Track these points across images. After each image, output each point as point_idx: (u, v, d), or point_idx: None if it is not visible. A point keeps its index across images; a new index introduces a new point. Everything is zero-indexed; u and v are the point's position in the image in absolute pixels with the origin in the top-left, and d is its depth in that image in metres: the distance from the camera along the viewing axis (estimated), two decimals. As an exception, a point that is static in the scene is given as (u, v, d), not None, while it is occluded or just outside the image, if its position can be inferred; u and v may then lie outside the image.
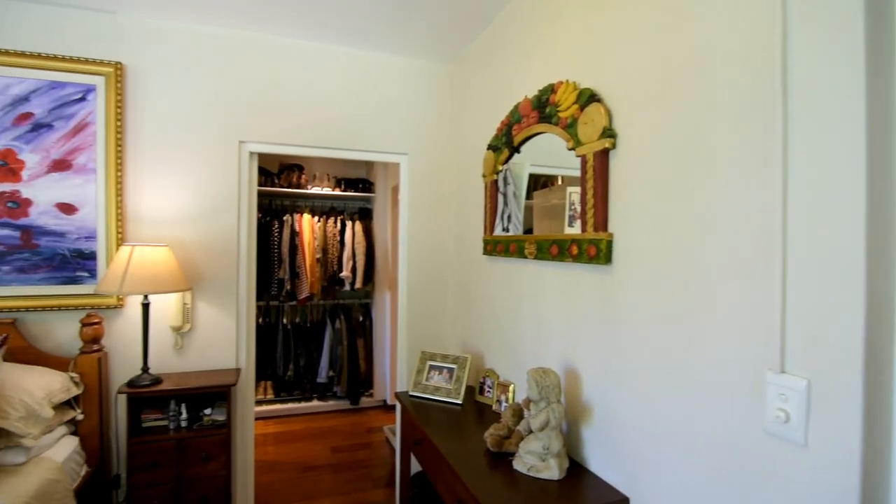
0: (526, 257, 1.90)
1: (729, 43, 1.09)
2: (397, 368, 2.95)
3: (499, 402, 2.08)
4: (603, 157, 1.47)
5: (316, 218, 4.41)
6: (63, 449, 2.04)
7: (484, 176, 2.34)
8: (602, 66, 1.55)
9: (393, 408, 4.44)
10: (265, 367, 4.28)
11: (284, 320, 4.45)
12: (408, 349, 2.86)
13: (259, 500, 2.82)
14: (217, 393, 2.33)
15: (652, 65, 1.32)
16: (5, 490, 1.67)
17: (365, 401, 4.59)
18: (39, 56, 2.21)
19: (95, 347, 2.25)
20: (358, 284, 4.41)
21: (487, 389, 2.21)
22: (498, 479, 1.49)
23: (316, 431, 4.02)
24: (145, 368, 2.24)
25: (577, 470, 1.55)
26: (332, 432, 3.99)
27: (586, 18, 1.64)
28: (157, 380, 2.24)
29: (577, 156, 1.57)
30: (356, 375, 4.48)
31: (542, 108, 1.79)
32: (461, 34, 2.53)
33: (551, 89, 1.74)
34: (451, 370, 2.29)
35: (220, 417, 2.30)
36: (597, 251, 1.48)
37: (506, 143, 2.09)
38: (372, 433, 3.99)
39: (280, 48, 2.60)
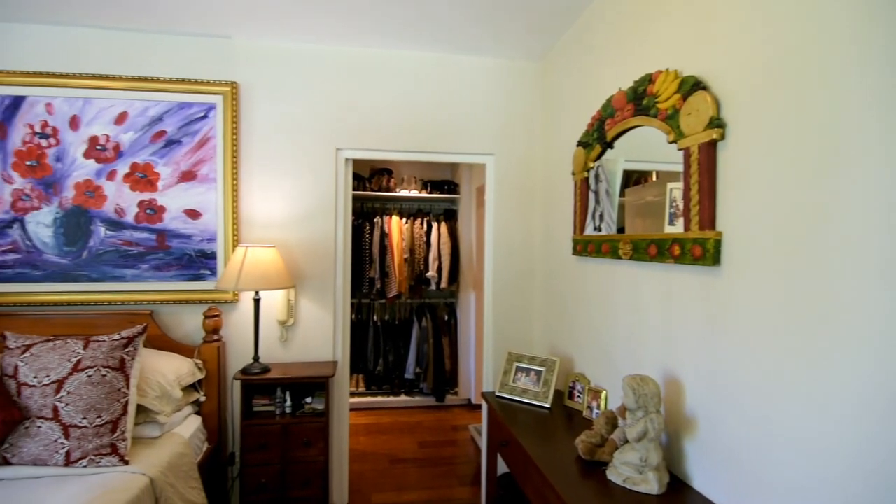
0: (620, 258, 1.81)
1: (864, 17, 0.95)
2: (483, 368, 2.96)
3: (589, 408, 2.01)
4: (709, 149, 1.36)
5: (404, 219, 4.56)
6: (189, 426, 2.31)
7: (573, 174, 2.27)
8: (707, 51, 1.43)
9: (477, 407, 4.46)
10: (357, 361, 4.51)
11: (375, 317, 4.66)
12: (493, 349, 2.86)
13: (352, 487, 2.98)
14: (316, 383, 2.51)
15: (768, 45, 1.19)
16: (143, 458, 1.93)
17: (450, 398, 4.66)
18: (170, 81, 2.52)
19: (215, 337, 2.52)
20: (443, 284, 4.49)
21: (577, 394, 2.14)
22: (591, 488, 1.43)
23: (403, 426, 4.16)
24: (256, 358, 2.47)
25: (678, 486, 1.45)
26: (418, 427, 4.11)
27: (688, 1, 1.53)
28: (266, 368, 2.46)
29: (679, 149, 1.47)
30: (441, 373, 4.56)
31: (639, 101, 1.70)
32: (548, 30, 2.47)
33: (648, 80, 1.64)
34: (538, 373, 2.25)
35: (320, 406, 2.46)
36: (703, 251, 1.37)
37: (597, 138, 2.01)
38: (457, 431, 4.04)
39: (371, 59, 2.73)
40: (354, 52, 2.72)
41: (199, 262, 2.57)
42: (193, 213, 2.55)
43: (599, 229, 2.01)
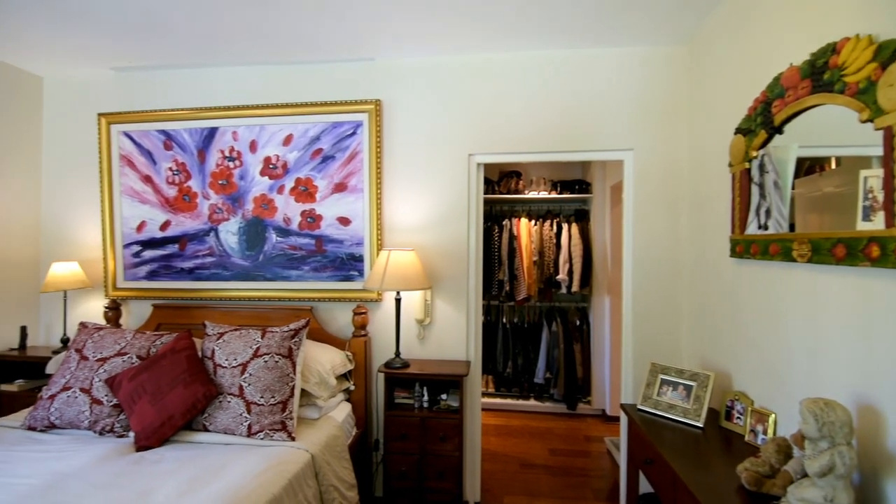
0: (794, 260, 1.56)
1: None
2: (621, 378, 2.79)
3: (753, 432, 1.76)
4: (923, 126, 1.10)
5: (533, 221, 4.51)
6: (341, 412, 2.57)
7: (731, 165, 2.02)
8: (920, 6, 1.16)
9: (613, 419, 4.21)
10: (486, 362, 4.58)
11: (504, 319, 4.69)
12: (633, 359, 2.67)
13: (484, 486, 3.03)
14: (451, 381, 2.60)
15: None
16: (306, 436, 2.19)
17: (582, 407, 4.47)
18: (325, 104, 2.84)
19: (363, 333, 2.77)
20: (575, 288, 4.33)
21: (737, 415, 1.89)
22: (759, 524, 1.25)
23: (533, 430, 4.10)
24: (397, 353, 2.66)
25: (880, 537, 1.20)
26: (549, 434, 4.02)
27: (890, -51, 1.26)
28: (406, 364, 2.63)
29: (878, 128, 1.21)
30: (573, 380, 4.41)
31: (818, 75, 1.45)
32: (696, 7, 2.24)
33: (832, 50, 1.39)
34: (688, 387, 2.04)
35: (454, 403, 2.55)
36: (914, 253, 1.11)
37: (762, 123, 1.76)
38: (590, 442, 3.86)
39: (500, 63, 2.76)
40: (484, 59, 2.78)
41: (349, 265, 2.85)
42: (345, 221, 2.84)
43: (765, 227, 1.76)
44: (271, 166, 2.90)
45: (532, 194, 4.56)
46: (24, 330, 3.02)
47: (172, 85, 3.04)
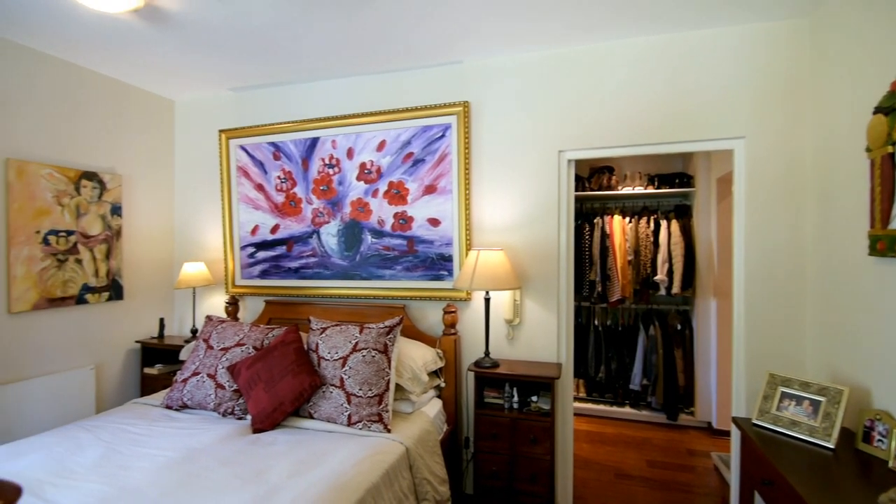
0: (957, 260, 1.32)
1: None
2: (731, 389, 2.54)
3: (902, 458, 1.52)
4: None
5: (627, 219, 4.28)
6: (433, 408, 2.63)
7: (868, 150, 1.76)
8: None
9: (721, 433, 3.86)
10: (577, 365, 4.43)
11: (596, 322, 4.50)
12: (745, 368, 2.43)
13: (576, 493, 2.93)
14: (541, 383, 2.56)
15: None
16: (400, 429, 2.28)
17: (685, 418, 4.16)
18: (415, 108, 2.93)
19: (452, 331, 2.82)
20: (675, 289, 4.04)
21: (878, 437, 1.64)
22: (913, 566, 1.08)
23: (629, 439, 3.89)
24: (487, 353, 2.67)
25: None
26: (646, 444, 3.79)
27: None
28: (496, 364, 2.63)
29: None
30: (673, 388, 4.11)
31: None
32: (824, -25, 1.99)
33: None
34: (815, 403, 1.81)
35: (545, 406, 2.50)
36: None
37: (911, 101, 1.51)
38: (694, 456, 3.57)
39: (590, 55, 2.66)
40: (572, 52, 2.69)
41: (439, 264, 2.92)
42: (434, 222, 2.91)
43: (916, 221, 1.51)
44: (366, 171, 3.06)
45: (626, 190, 4.33)
46: (162, 321, 3.48)
47: (280, 100, 3.33)
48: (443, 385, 2.79)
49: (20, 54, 2.68)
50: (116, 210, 3.19)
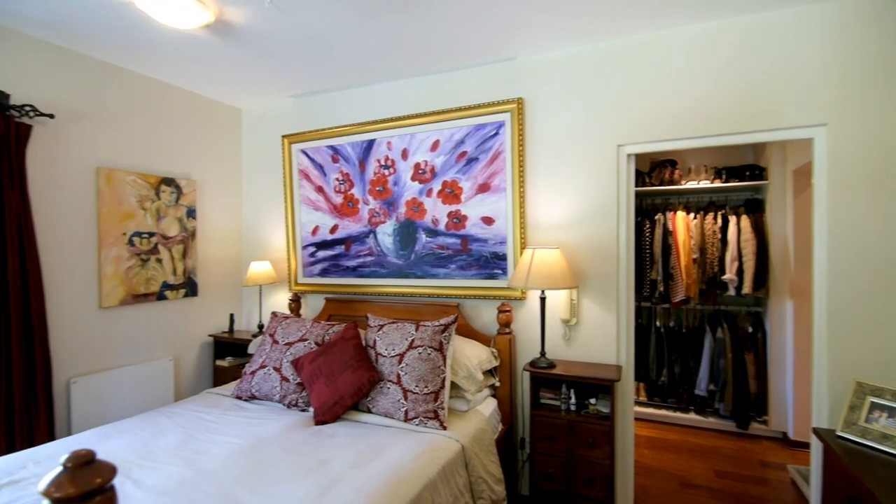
0: None
1: None
2: (811, 397, 2.35)
3: None
4: None
5: (691, 215, 4.07)
6: (488, 407, 2.63)
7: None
8: None
9: (798, 444, 3.59)
10: (637, 368, 4.26)
11: (657, 323, 4.31)
12: (828, 375, 2.24)
13: (637, 501, 2.82)
14: (599, 385, 2.48)
15: None
16: (456, 427, 2.29)
17: (757, 427, 3.89)
18: (468, 108, 2.93)
19: (507, 330, 2.80)
20: (746, 289, 3.79)
21: None
22: None
23: (694, 447, 3.70)
24: (542, 353, 2.62)
25: None
26: (713, 453, 3.58)
27: None
28: (552, 364, 2.58)
29: None
30: (744, 395, 3.86)
31: None
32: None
33: None
34: (913, 415, 1.64)
35: (604, 409, 2.43)
36: None
37: None
38: (768, 468, 3.34)
39: (649, 43, 2.54)
40: (630, 42, 2.59)
41: (493, 263, 2.90)
42: (488, 220, 2.90)
43: None
44: (421, 171, 3.10)
45: (690, 184, 4.11)
46: (231, 317, 3.70)
47: (337, 105, 3.44)
48: (497, 384, 2.77)
49: (109, 72, 2.94)
50: (191, 213, 3.43)
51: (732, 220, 3.89)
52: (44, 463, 1.90)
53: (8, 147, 2.36)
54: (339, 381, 2.37)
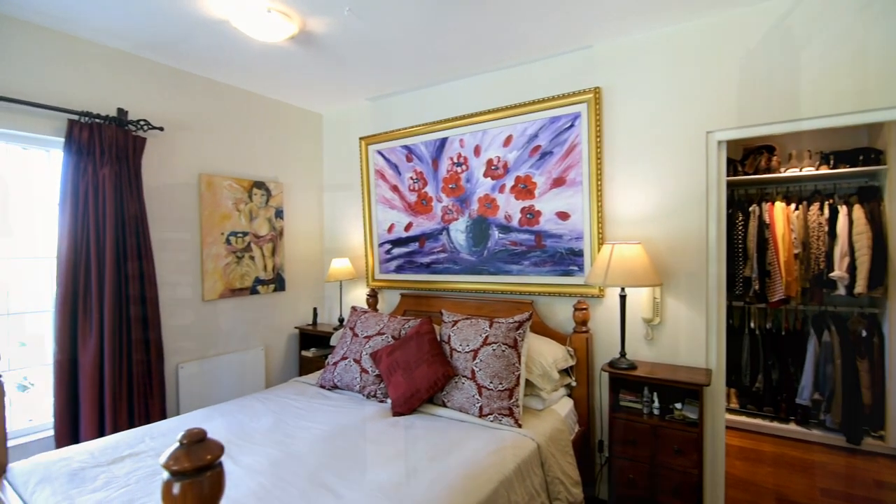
0: None
1: None
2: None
3: None
4: None
5: (792, 205, 3.69)
6: (563, 407, 2.57)
7: None
8: None
9: (927, 466, 3.14)
10: (728, 372, 3.95)
11: (752, 324, 3.97)
12: (969, 388, 1.94)
13: (730, 515, 2.63)
14: (686, 389, 2.33)
15: None
16: (531, 426, 2.26)
17: (871, 443, 3.46)
18: (542, 100, 2.87)
19: (584, 329, 2.72)
20: (859, 289, 3.37)
21: None
22: None
23: (794, 461, 3.36)
24: (622, 353, 2.51)
25: None
26: (817, 469, 3.23)
27: None
28: (633, 365, 2.46)
29: None
30: (856, 406, 3.44)
31: None
32: None
33: None
34: None
35: (692, 415, 2.28)
36: None
37: None
38: (884, 489, 2.96)
39: (740, 19, 2.33)
40: (719, 20, 2.39)
41: (568, 259, 2.83)
42: (563, 215, 2.83)
43: None
44: (493, 167, 3.08)
45: (791, 172, 3.73)
46: (315, 311, 3.92)
47: (410, 105, 3.52)
48: (574, 384, 2.70)
49: (207, 86, 3.23)
50: (279, 213, 3.68)
51: (842, 210, 3.48)
52: (158, 438, 2.14)
53: (127, 158, 2.67)
54: (416, 375, 2.43)
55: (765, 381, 3.85)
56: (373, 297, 3.65)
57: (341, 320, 3.74)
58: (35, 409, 2.61)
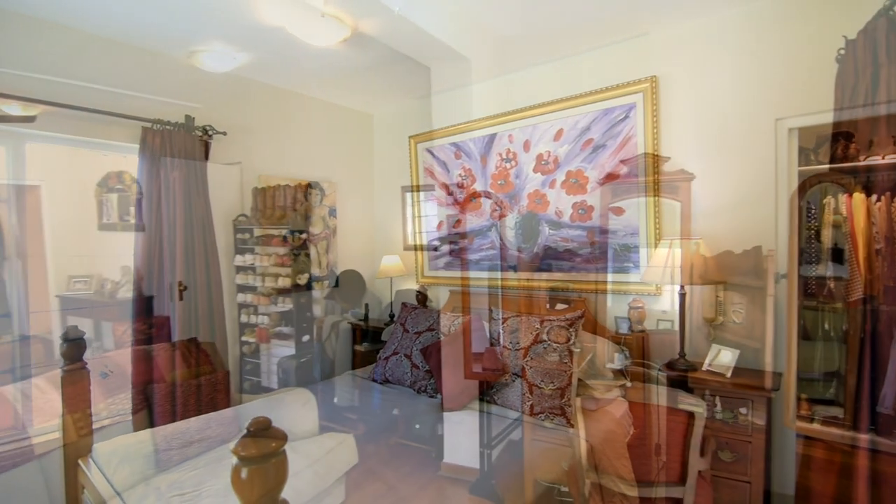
0: None
1: None
2: None
3: None
4: None
5: (874, 196, 3.37)
6: (618, 408, 2.47)
7: None
8: None
9: None
10: (798, 377, 3.69)
11: (825, 325, 3.67)
12: None
13: (801, 529, 2.46)
14: (751, 394, 2.20)
15: None
16: (584, 426, 2.21)
17: (970, 459, 3.12)
18: (595, 92, 2.78)
19: (639, 328, 2.62)
20: (954, 287, 3.05)
21: None
22: None
23: (873, 474, 3.09)
24: (682, 354, 2.41)
25: None
26: (906, 484, 2.95)
27: None
28: (693, 367, 2.36)
29: None
30: (952, 418, 3.12)
31: None
32: None
33: None
34: None
35: (759, 421, 2.16)
36: None
37: None
38: None
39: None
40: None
41: (622, 256, 2.74)
42: (617, 210, 2.74)
43: None
44: (543, 162, 3.03)
45: (873, 160, 3.41)
46: (366, 307, 4.02)
47: (458, 102, 3.51)
48: (628, 385, 2.61)
49: (266, 91, 3.37)
50: (332, 212, 3.80)
51: (935, 201, 3.15)
52: (224, 425, 2.27)
53: (194, 161, 2.85)
54: (465, 371, 2.44)
55: (839, 387, 3.56)
56: (422, 294, 3.69)
57: (392, 316, 3.81)
58: (114, 395, 2.85)
